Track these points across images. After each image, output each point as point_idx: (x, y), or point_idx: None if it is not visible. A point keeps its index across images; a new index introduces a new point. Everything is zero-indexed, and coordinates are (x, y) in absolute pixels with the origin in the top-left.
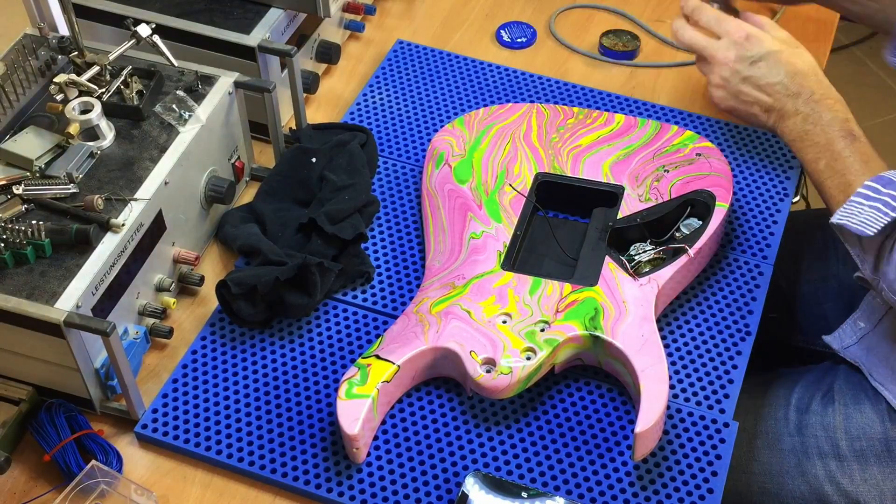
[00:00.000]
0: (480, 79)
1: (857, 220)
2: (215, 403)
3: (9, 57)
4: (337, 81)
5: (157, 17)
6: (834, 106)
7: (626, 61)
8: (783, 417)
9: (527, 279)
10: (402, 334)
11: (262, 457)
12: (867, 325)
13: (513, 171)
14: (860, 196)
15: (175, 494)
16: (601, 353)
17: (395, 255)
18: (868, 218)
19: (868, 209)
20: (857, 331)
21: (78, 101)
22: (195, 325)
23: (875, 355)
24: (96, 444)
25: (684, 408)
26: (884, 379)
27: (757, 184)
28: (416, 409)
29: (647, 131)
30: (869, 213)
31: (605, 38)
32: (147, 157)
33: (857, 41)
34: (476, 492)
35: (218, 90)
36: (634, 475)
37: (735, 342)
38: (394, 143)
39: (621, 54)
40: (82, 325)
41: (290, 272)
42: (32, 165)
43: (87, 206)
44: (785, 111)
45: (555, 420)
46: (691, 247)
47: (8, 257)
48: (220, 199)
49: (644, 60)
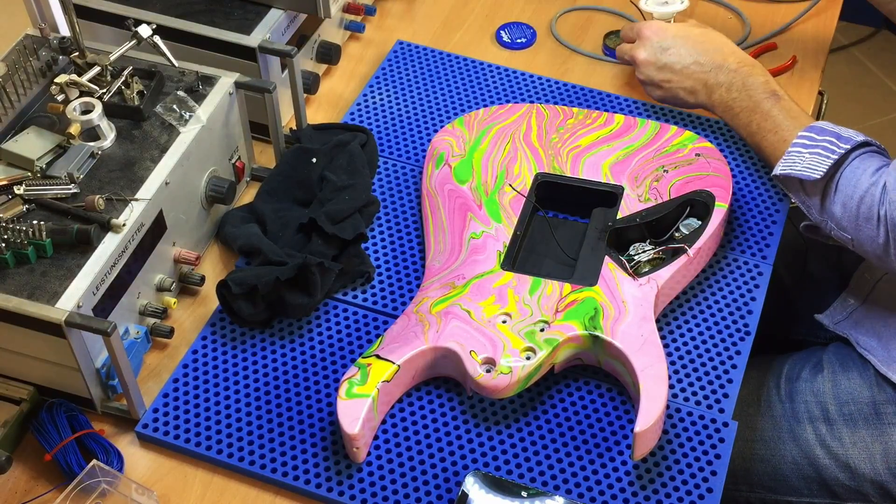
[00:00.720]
0: (480, 79)
1: (802, 167)
2: (216, 403)
3: (10, 57)
4: (337, 82)
5: (157, 18)
6: (752, 71)
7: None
8: (774, 386)
9: (526, 279)
10: (403, 334)
11: (262, 456)
12: (856, 301)
13: (513, 172)
14: (798, 146)
15: (176, 493)
16: (601, 352)
17: (395, 255)
18: (811, 163)
19: (809, 156)
20: (847, 307)
21: (79, 101)
22: (196, 324)
23: (862, 327)
24: (97, 444)
25: (683, 407)
26: (870, 347)
27: (756, 184)
28: (416, 409)
29: (647, 131)
30: (811, 159)
31: (608, 39)
32: (148, 157)
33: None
34: (476, 491)
35: (218, 90)
36: (634, 474)
37: (734, 342)
38: (394, 144)
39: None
40: (83, 324)
41: (290, 272)
42: (34, 166)
43: (88, 207)
44: (708, 86)
45: (554, 420)
46: (691, 247)
47: (9, 257)
48: (221, 199)
49: None
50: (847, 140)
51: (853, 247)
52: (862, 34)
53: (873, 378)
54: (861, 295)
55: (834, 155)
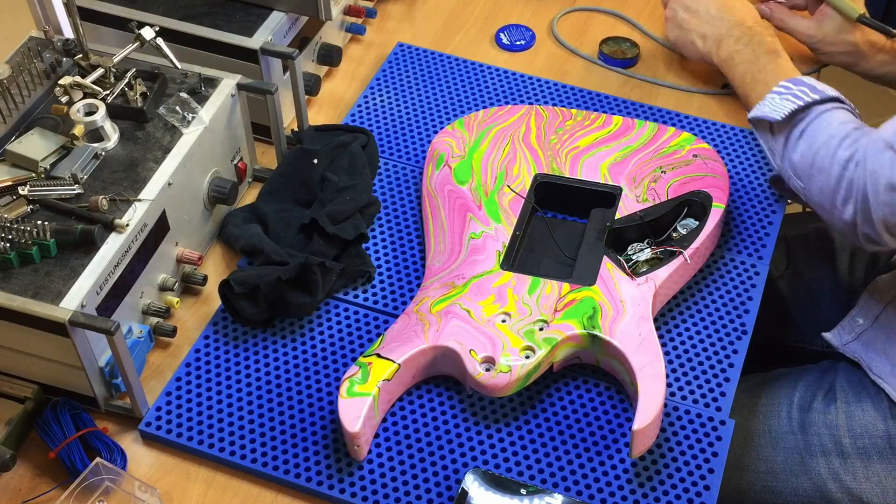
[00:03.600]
0: (480, 81)
1: (769, 109)
2: (218, 401)
3: (14, 59)
4: (338, 83)
5: (160, 21)
6: (763, 31)
7: (624, 70)
8: (786, 416)
9: (526, 279)
10: (403, 333)
11: (264, 454)
12: (865, 321)
13: (512, 172)
14: (774, 93)
15: (178, 491)
16: (599, 351)
17: (395, 255)
18: (778, 106)
19: (780, 101)
20: (856, 327)
21: (83, 102)
22: (198, 324)
23: (874, 350)
24: (101, 442)
25: (681, 406)
26: (883, 373)
27: (753, 185)
28: (417, 408)
29: (645, 133)
30: (780, 103)
31: (604, 46)
32: (151, 158)
33: None
34: (476, 489)
35: (221, 92)
36: (632, 472)
37: (731, 341)
38: (394, 145)
39: (621, 62)
40: (87, 324)
41: (292, 272)
42: (38, 166)
43: (91, 207)
44: (720, 36)
45: (553, 418)
46: (688, 247)
47: (13, 257)
48: (223, 199)
49: (643, 65)
50: (819, 92)
51: (805, 197)
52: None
53: (887, 410)
54: (870, 316)
55: (800, 101)
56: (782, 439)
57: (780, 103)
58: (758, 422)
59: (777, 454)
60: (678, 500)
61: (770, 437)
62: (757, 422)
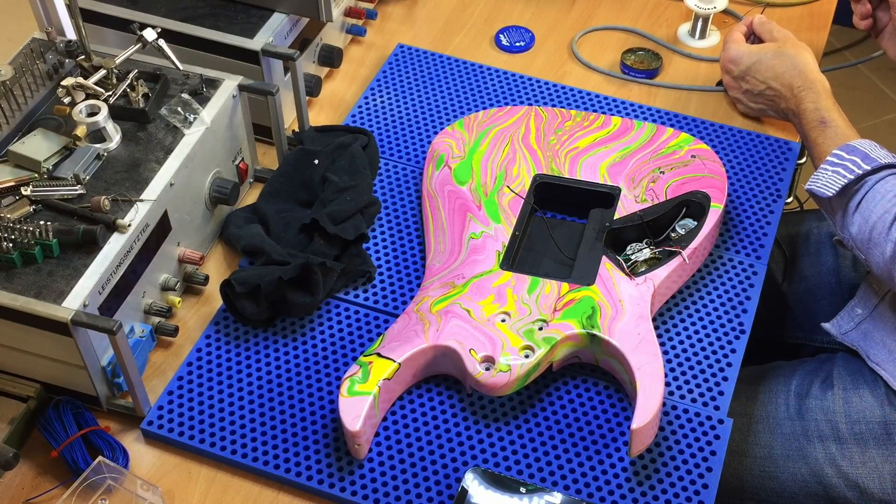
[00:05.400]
0: (480, 82)
1: (821, 183)
2: (220, 400)
3: (17, 60)
4: (339, 84)
5: (162, 22)
6: (805, 97)
7: (648, 80)
8: (783, 402)
9: (525, 279)
10: (403, 333)
11: (265, 453)
12: (864, 311)
13: (511, 173)
14: (827, 163)
15: (180, 490)
16: (598, 351)
17: (395, 255)
18: (829, 181)
19: (831, 173)
20: (855, 317)
21: (85, 103)
22: (200, 323)
23: (872, 339)
24: (103, 441)
25: (680, 405)
26: (881, 360)
27: (751, 185)
28: (417, 407)
29: (644, 133)
30: (831, 176)
31: (626, 57)
32: (153, 158)
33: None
34: (475, 487)
35: (222, 93)
36: (631, 471)
37: (729, 340)
38: (395, 145)
39: (644, 73)
40: (89, 323)
41: (293, 272)
42: (40, 167)
43: (93, 207)
44: (787, 108)
45: (553, 417)
46: (687, 247)
47: (16, 257)
48: (225, 199)
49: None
50: (871, 161)
51: (867, 266)
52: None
53: (884, 396)
54: (869, 305)
55: (851, 174)
56: (780, 425)
57: (831, 177)
58: (756, 408)
59: (775, 440)
60: (676, 499)
61: (768, 423)
62: (755, 408)
